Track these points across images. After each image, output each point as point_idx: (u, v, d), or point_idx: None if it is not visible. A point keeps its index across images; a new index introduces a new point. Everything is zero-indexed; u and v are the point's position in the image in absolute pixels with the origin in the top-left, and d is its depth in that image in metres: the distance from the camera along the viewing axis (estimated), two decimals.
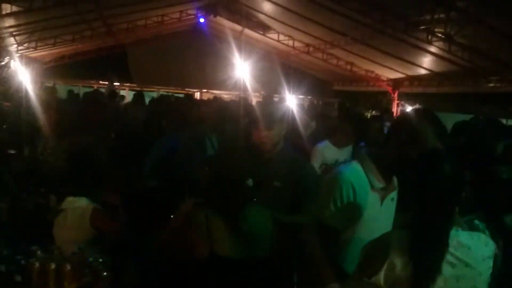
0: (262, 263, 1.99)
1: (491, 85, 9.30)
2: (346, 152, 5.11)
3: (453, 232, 1.85)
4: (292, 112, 5.99)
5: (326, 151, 5.16)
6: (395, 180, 2.33)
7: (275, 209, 2.68)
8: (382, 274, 1.78)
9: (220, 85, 15.98)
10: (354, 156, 4.22)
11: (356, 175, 2.33)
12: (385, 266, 1.78)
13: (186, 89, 16.99)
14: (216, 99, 10.48)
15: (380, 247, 1.86)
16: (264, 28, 13.72)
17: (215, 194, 2.01)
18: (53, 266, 1.67)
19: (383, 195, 2.34)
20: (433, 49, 9.45)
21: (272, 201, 2.69)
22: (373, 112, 10.45)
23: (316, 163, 5.11)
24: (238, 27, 14.17)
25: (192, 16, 14.44)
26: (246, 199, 1.93)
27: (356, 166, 2.37)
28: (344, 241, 2.34)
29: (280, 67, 14.84)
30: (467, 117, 6.86)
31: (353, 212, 2.29)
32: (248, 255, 1.92)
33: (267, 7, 11.70)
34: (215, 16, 13.70)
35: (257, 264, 1.94)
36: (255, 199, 2.03)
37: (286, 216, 2.76)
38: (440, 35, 8.39)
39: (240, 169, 1.82)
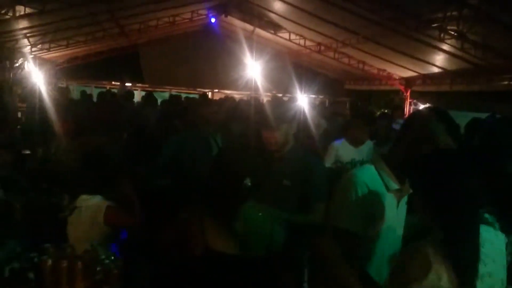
0: (260, 262, 2.00)
1: (505, 83, 9.20)
2: (363, 151, 5.10)
3: None
4: (303, 112, 6.00)
5: (342, 149, 5.17)
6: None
7: (283, 208, 2.69)
8: (423, 284, 1.74)
9: (232, 85, 16.03)
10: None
11: (371, 177, 2.31)
12: (428, 277, 1.74)
13: (198, 89, 17.06)
14: (226, 99, 10.51)
15: (416, 256, 1.82)
16: (275, 27, 13.70)
17: (212, 192, 2.03)
18: (65, 263, 1.68)
19: (399, 197, 2.33)
20: (445, 47, 9.36)
21: (280, 200, 2.70)
22: (386, 111, 10.38)
23: (329, 160, 5.13)
24: (249, 27, 14.18)
25: (204, 16, 14.48)
26: (243, 197, 1.94)
27: (370, 168, 2.36)
28: (365, 244, 2.32)
29: (292, 66, 14.84)
30: (481, 115, 6.79)
31: (371, 214, 2.27)
32: (244, 253, 1.93)
33: (278, 6, 11.70)
34: (226, 16, 13.73)
35: (254, 262, 1.95)
36: (253, 198, 2.03)
37: (294, 215, 2.76)
38: (452, 32, 8.31)
39: (239, 168, 1.84)
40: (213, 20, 14.30)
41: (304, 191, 2.86)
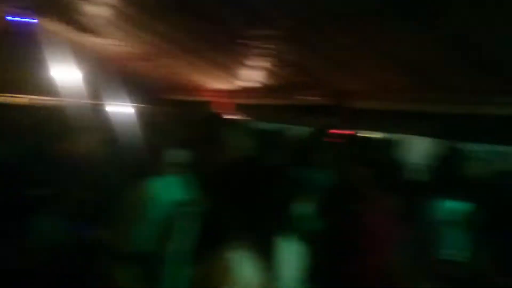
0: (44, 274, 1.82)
1: (312, 98, 10.25)
2: None
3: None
4: (117, 121, 5.81)
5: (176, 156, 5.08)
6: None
7: (80, 220, 2.49)
8: None
9: (41, 90, 14.76)
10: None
11: (164, 188, 2.13)
12: (231, 281, 1.70)
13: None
14: (28, 105, 9.65)
15: (217, 262, 1.75)
16: (93, 32, 12.98)
17: None
18: None
19: (197, 207, 2.21)
20: (261, 63, 9.98)
21: (78, 213, 2.50)
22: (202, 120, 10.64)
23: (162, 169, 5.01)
24: (63, 29, 13.19)
25: (7, 16, 13.04)
26: (33, 210, 1.75)
27: (165, 178, 2.20)
28: (165, 262, 2.06)
29: (111, 73, 14.26)
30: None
31: (166, 229, 2.04)
32: (33, 265, 1.74)
33: (94, 10, 11.12)
34: (37, 17, 12.56)
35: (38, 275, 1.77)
36: (50, 211, 1.85)
37: (90, 231, 2.56)
38: (268, 51, 8.88)
39: (26, 179, 1.66)
40: (22, 19, 12.92)
41: (104, 204, 2.64)
